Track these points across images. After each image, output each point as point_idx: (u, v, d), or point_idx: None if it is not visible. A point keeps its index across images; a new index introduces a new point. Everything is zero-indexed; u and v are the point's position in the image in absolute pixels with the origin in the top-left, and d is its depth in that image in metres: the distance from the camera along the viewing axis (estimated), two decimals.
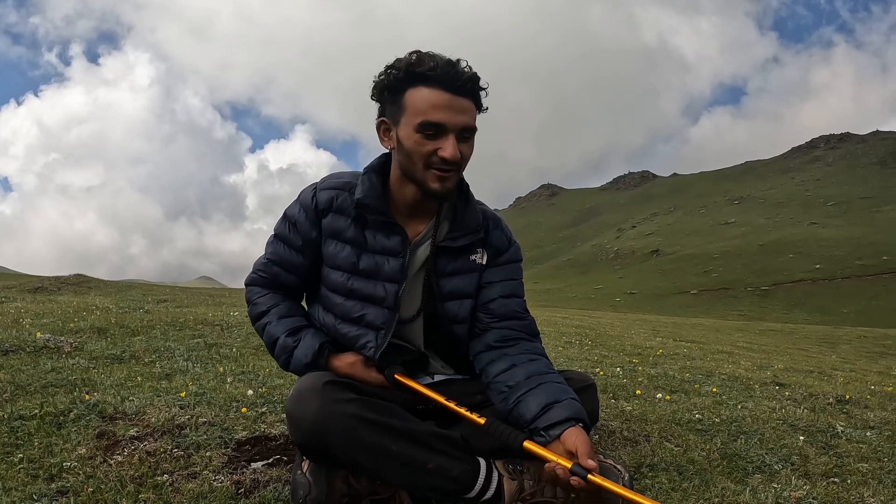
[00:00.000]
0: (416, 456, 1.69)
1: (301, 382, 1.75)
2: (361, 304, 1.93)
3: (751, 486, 2.06)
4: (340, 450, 1.65)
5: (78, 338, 4.48)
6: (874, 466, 2.39)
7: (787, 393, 4.08)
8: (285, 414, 1.76)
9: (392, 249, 1.91)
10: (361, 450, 1.66)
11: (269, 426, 2.43)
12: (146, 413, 2.48)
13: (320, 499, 1.66)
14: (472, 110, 1.80)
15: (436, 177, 1.79)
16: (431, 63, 1.76)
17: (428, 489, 1.73)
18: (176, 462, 2.04)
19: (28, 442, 2.14)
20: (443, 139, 1.76)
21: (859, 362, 9.30)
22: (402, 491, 1.72)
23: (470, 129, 1.80)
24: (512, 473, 1.77)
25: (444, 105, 1.75)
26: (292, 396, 1.72)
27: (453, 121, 1.75)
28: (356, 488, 1.71)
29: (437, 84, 1.76)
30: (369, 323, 1.93)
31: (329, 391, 1.68)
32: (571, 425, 1.71)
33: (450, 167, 1.78)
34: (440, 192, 1.81)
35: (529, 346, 2.00)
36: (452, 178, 1.81)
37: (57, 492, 1.78)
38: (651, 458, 2.27)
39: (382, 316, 1.92)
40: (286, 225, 2.00)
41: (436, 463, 1.71)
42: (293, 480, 1.71)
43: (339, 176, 1.99)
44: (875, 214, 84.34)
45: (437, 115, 1.75)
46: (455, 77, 1.76)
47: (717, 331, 15.17)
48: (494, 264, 2.06)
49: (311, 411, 1.65)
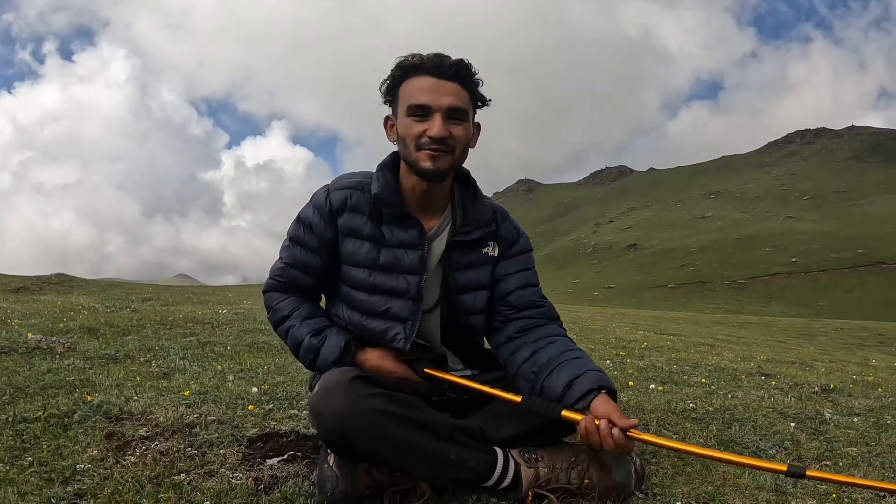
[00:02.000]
0: (438, 448, 1.75)
1: (326, 379, 1.78)
2: (386, 298, 1.98)
3: (749, 470, 2.12)
4: (366, 443, 1.70)
5: (69, 338, 4.45)
6: (863, 450, 2.48)
7: (773, 383, 4.19)
8: (310, 410, 1.79)
9: (410, 242, 1.97)
10: (387, 443, 1.70)
11: (278, 423, 2.44)
12: (153, 413, 2.48)
13: (347, 491, 1.70)
14: (459, 93, 1.90)
15: (427, 156, 1.89)
16: (420, 57, 1.90)
17: (449, 479, 1.78)
18: (191, 461, 2.04)
19: (35, 445, 2.13)
20: (430, 120, 1.87)
21: (837, 353, 9.50)
22: (422, 482, 1.77)
23: (457, 110, 1.89)
24: (528, 462, 1.84)
25: (429, 88, 1.88)
26: (318, 393, 1.75)
27: (438, 102, 1.87)
28: (379, 480, 1.76)
29: (423, 72, 1.89)
30: (396, 315, 1.98)
31: (355, 387, 1.73)
32: (596, 395, 1.79)
33: (438, 145, 1.87)
34: (431, 170, 1.90)
35: (548, 329, 2.08)
36: (444, 158, 1.90)
37: (74, 495, 1.78)
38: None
39: (408, 308, 1.98)
40: (301, 227, 2.04)
41: (456, 454, 1.77)
42: (320, 474, 1.74)
43: (350, 176, 2.05)
44: (850, 208, 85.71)
45: (422, 97, 1.87)
46: (439, 63, 1.88)
47: (696, 324, 15.38)
48: (507, 256, 2.14)
49: (337, 407, 1.69)
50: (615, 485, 1.82)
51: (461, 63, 1.89)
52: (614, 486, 1.82)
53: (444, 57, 1.89)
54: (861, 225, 71.37)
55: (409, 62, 1.91)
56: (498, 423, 1.90)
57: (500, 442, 1.87)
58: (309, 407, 1.78)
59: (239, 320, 5.84)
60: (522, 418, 1.90)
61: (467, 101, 1.92)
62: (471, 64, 1.91)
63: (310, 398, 1.78)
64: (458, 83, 1.90)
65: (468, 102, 1.92)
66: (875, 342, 15.87)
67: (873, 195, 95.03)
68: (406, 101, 1.90)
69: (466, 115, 1.92)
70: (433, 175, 1.91)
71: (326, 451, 1.78)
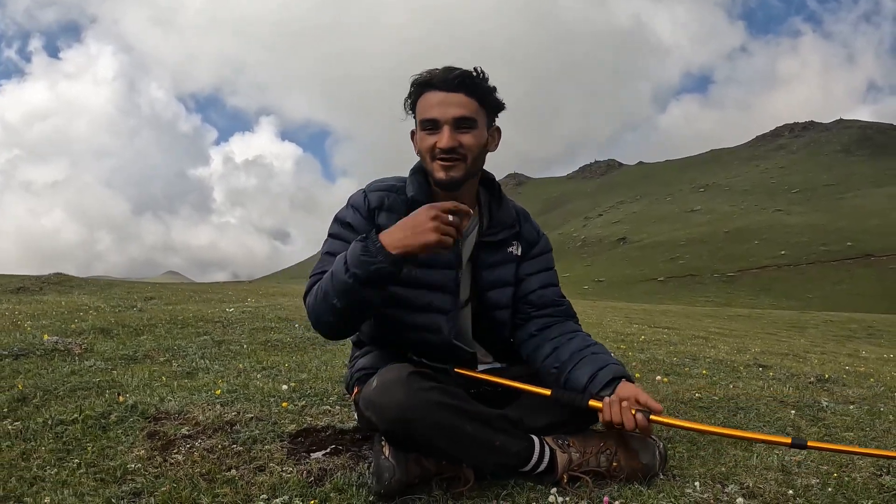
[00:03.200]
0: (485, 435, 1.89)
1: (384, 375, 1.90)
2: (425, 292, 2.13)
3: (756, 453, 2.30)
4: (423, 433, 1.83)
5: (84, 339, 4.50)
6: (859, 434, 2.65)
7: (770, 373, 4.36)
8: (366, 403, 1.88)
9: None
10: (441, 431, 1.84)
11: (314, 419, 2.54)
12: (190, 412, 2.54)
13: (403, 479, 1.82)
14: (466, 103, 2.03)
15: (440, 167, 2.04)
16: (430, 73, 2.05)
17: (493, 465, 1.93)
18: (238, 457, 2.11)
19: (78, 447, 2.18)
20: (439, 132, 2.02)
21: (828, 345, 9.68)
22: (465, 469, 1.91)
23: (465, 119, 2.03)
24: (562, 447, 1.99)
25: (437, 102, 2.03)
26: (377, 388, 1.87)
27: (445, 114, 2.01)
28: (427, 468, 1.89)
29: (433, 87, 2.04)
30: (438, 308, 2.13)
31: (413, 381, 1.86)
32: (618, 383, 1.98)
33: (447, 155, 2.02)
34: (445, 180, 2.05)
35: (567, 326, 2.26)
36: (457, 167, 2.04)
37: (131, 494, 1.83)
38: (667, 432, 2.50)
39: (448, 301, 2.14)
40: (340, 225, 2.17)
41: (501, 441, 1.91)
42: (377, 465, 1.85)
43: (383, 180, 2.20)
44: (839, 201, 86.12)
45: (431, 112, 2.03)
46: (445, 77, 2.02)
47: (688, 317, 15.55)
48: (529, 257, 2.30)
49: (397, 400, 1.82)
50: (641, 466, 1.98)
51: (465, 74, 2.03)
52: (641, 468, 1.98)
53: (451, 70, 2.03)
54: (850, 218, 71.78)
55: (421, 79, 2.06)
56: (534, 413, 2.06)
57: (535, 430, 2.02)
58: (365, 400, 1.89)
59: (248, 319, 5.93)
60: (556, 408, 2.06)
61: (475, 109, 2.05)
62: (480, 72, 2.05)
63: (367, 392, 1.89)
64: (463, 93, 2.03)
65: (476, 110, 2.05)
66: (864, 334, 16.11)
67: (862, 188, 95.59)
68: (419, 116, 2.07)
69: (475, 122, 2.05)
70: (447, 185, 2.06)
71: (381, 443, 1.90)
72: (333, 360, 3.94)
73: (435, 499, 1.86)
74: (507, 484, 1.94)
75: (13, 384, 3.02)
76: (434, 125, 2.03)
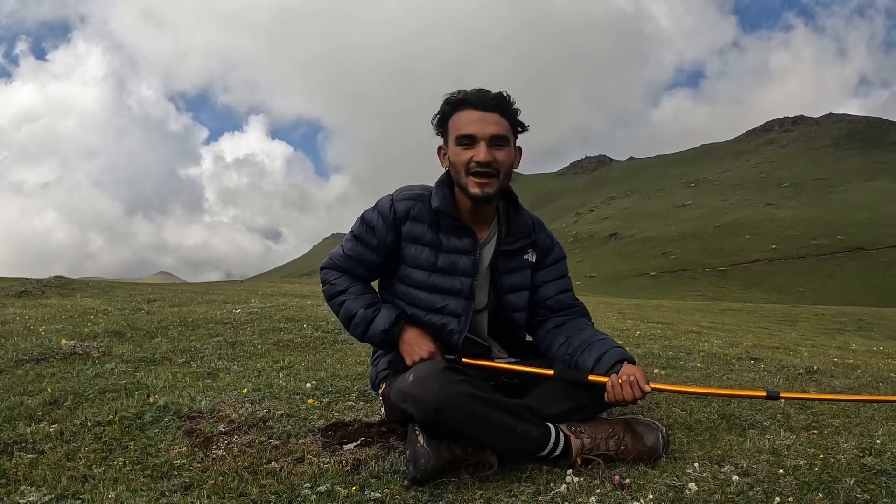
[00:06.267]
0: (509, 422, 2.10)
1: (419, 370, 2.13)
2: (442, 297, 2.34)
3: (749, 437, 2.52)
4: (456, 420, 2.03)
5: (100, 342, 4.55)
6: (844, 421, 2.85)
7: (762, 366, 4.57)
8: (403, 396, 2.11)
9: (464, 249, 2.33)
10: (472, 419, 2.04)
11: (340, 413, 2.71)
12: (222, 410, 2.67)
13: (437, 465, 2.02)
14: (500, 122, 2.25)
15: (475, 182, 2.25)
16: (466, 93, 2.25)
17: (515, 450, 2.13)
18: (276, 451, 2.25)
19: (119, 446, 2.29)
20: (476, 147, 2.22)
21: (818, 338, 9.87)
22: (489, 455, 2.11)
23: (500, 137, 2.24)
24: (575, 433, 2.19)
25: (475, 120, 2.23)
26: (413, 381, 2.09)
27: (482, 131, 2.22)
28: (456, 454, 2.09)
29: (469, 106, 2.25)
30: (451, 311, 2.34)
31: (446, 375, 2.08)
32: (621, 365, 2.22)
33: (484, 170, 2.22)
34: (480, 196, 2.26)
35: (579, 322, 2.49)
36: (491, 183, 2.25)
37: (182, 487, 1.95)
38: (666, 419, 2.72)
39: (461, 305, 2.35)
40: (364, 227, 2.38)
41: (522, 428, 2.11)
42: (413, 452, 2.04)
43: (411, 188, 2.40)
44: (829, 195, 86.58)
45: (469, 128, 2.23)
46: (482, 97, 2.24)
47: (680, 311, 15.75)
48: (545, 265, 2.52)
49: (433, 391, 2.03)
50: (647, 449, 2.19)
51: (500, 96, 2.25)
52: (646, 451, 2.19)
53: (486, 91, 2.24)
54: (839, 212, 72.24)
55: (456, 98, 2.27)
56: (549, 402, 2.26)
57: (550, 418, 2.22)
58: (402, 393, 2.12)
59: (256, 320, 5.99)
60: (568, 397, 2.27)
61: (508, 129, 2.27)
62: (509, 96, 2.27)
63: (403, 386, 2.12)
64: (499, 113, 2.25)
65: (509, 129, 2.28)
66: (855, 327, 16.37)
67: (851, 182, 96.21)
68: (455, 132, 2.26)
69: (508, 140, 2.27)
70: (482, 200, 2.28)
71: (416, 433, 2.09)
72: (346, 359, 4.08)
73: (464, 482, 2.05)
74: (526, 468, 2.15)
75: (41, 388, 3.09)
76: (471, 141, 2.23)
